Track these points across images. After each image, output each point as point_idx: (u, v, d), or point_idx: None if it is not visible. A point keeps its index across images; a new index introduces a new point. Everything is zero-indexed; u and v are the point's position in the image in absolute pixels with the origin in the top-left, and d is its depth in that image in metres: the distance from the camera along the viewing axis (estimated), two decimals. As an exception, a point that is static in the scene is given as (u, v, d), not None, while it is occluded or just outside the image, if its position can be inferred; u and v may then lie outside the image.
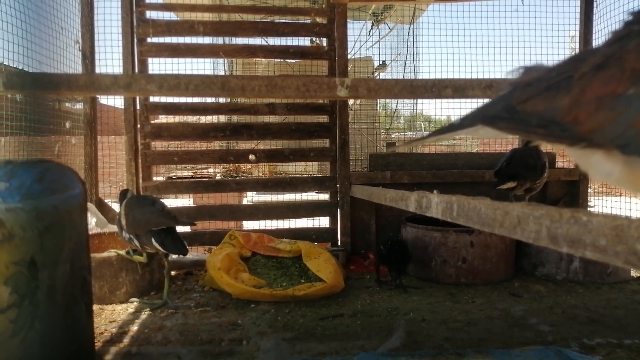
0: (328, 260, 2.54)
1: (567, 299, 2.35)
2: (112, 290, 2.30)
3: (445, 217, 1.14)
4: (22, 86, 1.47)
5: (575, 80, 0.58)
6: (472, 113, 0.71)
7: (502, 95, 0.68)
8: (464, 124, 0.70)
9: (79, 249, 1.43)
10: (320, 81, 1.58)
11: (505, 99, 0.66)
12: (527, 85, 0.64)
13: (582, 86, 0.57)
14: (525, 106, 0.62)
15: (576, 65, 0.60)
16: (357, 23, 5.75)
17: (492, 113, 0.67)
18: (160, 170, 5.31)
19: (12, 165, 1.32)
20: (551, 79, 0.61)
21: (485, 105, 0.71)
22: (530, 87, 0.63)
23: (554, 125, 0.59)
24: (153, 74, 2.77)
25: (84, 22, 3.02)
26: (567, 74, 0.60)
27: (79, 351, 1.42)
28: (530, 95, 0.62)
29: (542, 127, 0.60)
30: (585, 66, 0.58)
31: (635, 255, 0.55)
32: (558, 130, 0.59)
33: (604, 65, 0.56)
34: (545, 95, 0.61)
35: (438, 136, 0.78)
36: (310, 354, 1.71)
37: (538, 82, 0.63)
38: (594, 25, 3.38)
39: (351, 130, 3.41)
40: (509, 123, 0.64)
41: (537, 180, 2.63)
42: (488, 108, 0.69)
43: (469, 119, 0.70)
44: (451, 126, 0.74)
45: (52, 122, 2.91)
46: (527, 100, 0.62)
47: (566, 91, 0.59)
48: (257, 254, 2.84)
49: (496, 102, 0.68)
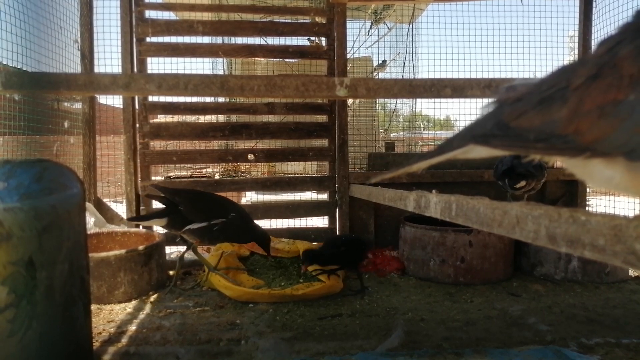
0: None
1: (566, 299, 2.35)
2: (110, 290, 2.29)
3: (444, 217, 1.14)
4: (21, 86, 1.46)
5: (570, 92, 0.58)
6: (460, 134, 0.69)
7: (488, 113, 0.67)
8: (453, 146, 0.68)
9: (78, 249, 1.43)
10: (319, 81, 1.58)
11: (494, 116, 0.65)
12: (517, 101, 0.63)
13: (579, 96, 0.57)
14: (520, 122, 0.61)
15: (566, 77, 0.59)
16: (356, 23, 5.75)
17: (482, 132, 0.65)
18: (159, 170, 5.31)
19: (10, 165, 1.31)
20: (542, 92, 0.61)
21: (472, 126, 0.69)
22: (521, 103, 0.62)
23: (554, 138, 0.58)
24: (152, 74, 2.78)
25: (83, 22, 3.01)
26: (558, 86, 0.59)
27: (77, 351, 1.41)
28: (522, 110, 0.61)
29: (542, 141, 0.59)
30: (578, 77, 0.57)
31: (634, 255, 0.56)
32: (560, 142, 0.58)
33: (599, 75, 0.56)
34: (539, 109, 0.60)
35: (426, 161, 0.73)
36: (308, 354, 1.71)
37: (528, 96, 0.62)
38: (593, 25, 3.38)
39: (350, 130, 3.41)
40: (504, 140, 0.63)
41: (542, 179, 2.64)
42: (477, 127, 0.67)
43: (457, 139, 0.68)
44: (440, 149, 0.71)
45: (50, 121, 2.91)
46: (520, 115, 0.61)
47: (561, 103, 0.58)
48: (256, 254, 2.84)
49: (484, 120, 0.67)
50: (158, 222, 2.32)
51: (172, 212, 2.28)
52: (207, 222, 2.28)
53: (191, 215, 2.27)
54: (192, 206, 2.28)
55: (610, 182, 0.59)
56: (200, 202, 2.35)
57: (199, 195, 2.45)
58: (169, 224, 2.29)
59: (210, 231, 2.30)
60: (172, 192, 2.33)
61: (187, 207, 2.27)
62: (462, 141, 0.67)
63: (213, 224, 2.29)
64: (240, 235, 2.46)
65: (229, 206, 2.44)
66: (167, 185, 3.02)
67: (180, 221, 2.28)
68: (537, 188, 2.70)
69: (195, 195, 2.42)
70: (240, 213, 2.44)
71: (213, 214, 2.32)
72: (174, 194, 2.32)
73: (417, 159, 0.75)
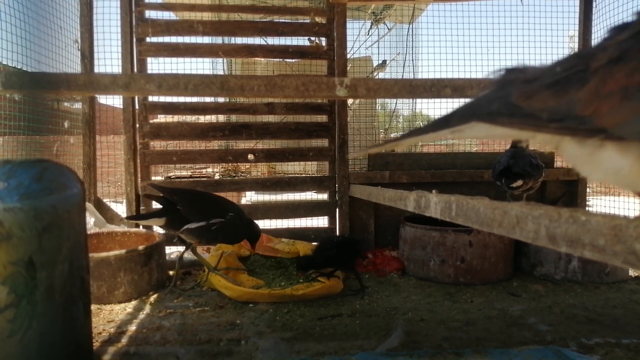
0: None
1: (566, 299, 2.35)
2: (110, 290, 2.29)
3: (444, 217, 1.14)
4: (21, 86, 1.46)
5: (591, 73, 0.56)
6: (459, 112, 0.66)
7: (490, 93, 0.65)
8: (451, 123, 0.65)
9: (78, 249, 1.43)
10: (319, 81, 1.58)
11: (499, 97, 0.63)
12: (527, 82, 0.62)
13: (601, 78, 0.55)
14: (532, 102, 0.60)
15: (584, 61, 0.58)
16: (356, 23, 5.75)
17: (487, 110, 0.63)
18: (159, 170, 5.31)
19: (10, 165, 1.31)
20: (557, 74, 0.59)
21: (472, 105, 0.66)
22: (532, 84, 0.61)
23: (570, 119, 0.57)
24: (152, 74, 2.77)
25: (83, 22, 3.01)
26: (576, 69, 0.58)
27: (77, 351, 1.41)
28: (535, 91, 0.60)
29: (556, 122, 0.58)
30: (598, 60, 0.56)
31: (634, 255, 0.55)
32: (575, 123, 0.57)
33: (623, 58, 0.54)
34: (555, 90, 0.58)
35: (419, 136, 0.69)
36: (308, 354, 1.71)
37: (541, 78, 0.61)
38: (593, 25, 3.39)
39: (350, 130, 3.41)
40: (512, 119, 0.61)
41: (539, 179, 2.64)
42: (480, 106, 0.65)
43: (456, 117, 0.65)
44: (436, 125, 0.67)
45: (50, 121, 2.91)
46: (532, 96, 0.60)
47: (580, 84, 0.57)
48: (256, 254, 2.84)
49: (487, 100, 0.64)
50: (156, 222, 2.32)
51: (171, 212, 2.28)
52: (205, 222, 2.28)
53: (189, 215, 2.27)
54: (190, 206, 2.28)
55: (618, 174, 0.58)
56: (199, 201, 2.36)
57: (197, 195, 2.45)
58: (167, 224, 2.29)
59: (208, 231, 2.30)
60: (170, 192, 2.33)
61: (185, 207, 2.27)
62: (463, 119, 0.64)
63: (211, 224, 2.29)
64: (239, 235, 2.47)
65: (228, 206, 2.44)
66: (166, 185, 3.03)
67: (178, 221, 2.28)
68: (535, 187, 2.70)
69: (193, 195, 2.42)
70: (239, 213, 2.44)
71: (212, 213, 2.32)
72: (172, 193, 2.32)
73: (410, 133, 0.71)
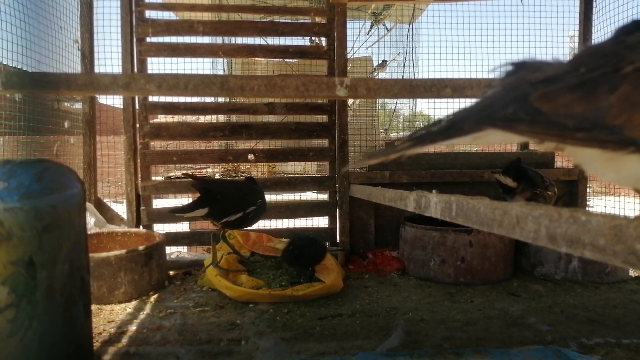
0: (327, 260, 2.54)
1: (566, 299, 2.35)
2: (110, 290, 2.29)
3: (444, 217, 1.14)
4: (21, 86, 1.46)
5: (621, 78, 0.51)
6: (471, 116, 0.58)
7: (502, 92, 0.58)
8: (464, 129, 0.57)
9: (78, 249, 1.43)
10: (319, 81, 1.58)
11: (515, 98, 0.56)
12: (545, 82, 0.55)
13: (633, 84, 0.50)
14: (554, 106, 0.53)
15: (611, 61, 0.53)
16: (356, 23, 5.76)
17: (503, 115, 0.56)
18: (159, 170, 5.31)
19: (10, 165, 1.31)
20: (582, 75, 0.53)
21: (486, 105, 0.59)
22: (553, 85, 0.54)
23: (599, 128, 0.51)
24: (152, 74, 2.77)
25: (83, 22, 3.01)
26: (603, 70, 0.52)
27: (77, 351, 1.41)
28: (557, 93, 0.53)
29: (583, 131, 0.52)
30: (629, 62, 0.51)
31: (634, 255, 0.55)
32: (604, 134, 0.51)
33: None
34: (580, 93, 0.52)
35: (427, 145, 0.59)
36: (308, 354, 1.71)
37: (562, 78, 0.54)
38: (593, 25, 3.38)
39: (350, 130, 3.41)
40: (533, 126, 0.54)
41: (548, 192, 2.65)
42: (494, 109, 0.57)
43: (470, 122, 0.57)
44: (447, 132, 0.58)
45: (50, 121, 2.91)
46: (554, 99, 0.53)
47: (609, 89, 0.51)
48: (256, 254, 2.83)
49: (503, 101, 0.57)
50: (200, 212, 2.38)
51: (211, 202, 2.37)
52: (242, 212, 2.43)
53: (227, 204, 2.39)
54: (228, 195, 2.41)
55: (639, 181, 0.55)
56: (236, 192, 2.49)
57: (232, 185, 2.62)
58: (209, 213, 2.38)
59: (245, 220, 2.46)
60: (207, 183, 2.50)
61: (224, 197, 2.39)
62: (477, 124, 0.57)
63: (248, 213, 2.44)
64: (261, 217, 2.62)
65: (257, 192, 2.59)
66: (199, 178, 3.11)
67: (217, 209, 2.38)
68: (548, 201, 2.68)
69: (229, 184, 2.61)
70: (263, 196, 2.61)
71: (246, 202, 2.47)
72: (210, 184, 2.49)
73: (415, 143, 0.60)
